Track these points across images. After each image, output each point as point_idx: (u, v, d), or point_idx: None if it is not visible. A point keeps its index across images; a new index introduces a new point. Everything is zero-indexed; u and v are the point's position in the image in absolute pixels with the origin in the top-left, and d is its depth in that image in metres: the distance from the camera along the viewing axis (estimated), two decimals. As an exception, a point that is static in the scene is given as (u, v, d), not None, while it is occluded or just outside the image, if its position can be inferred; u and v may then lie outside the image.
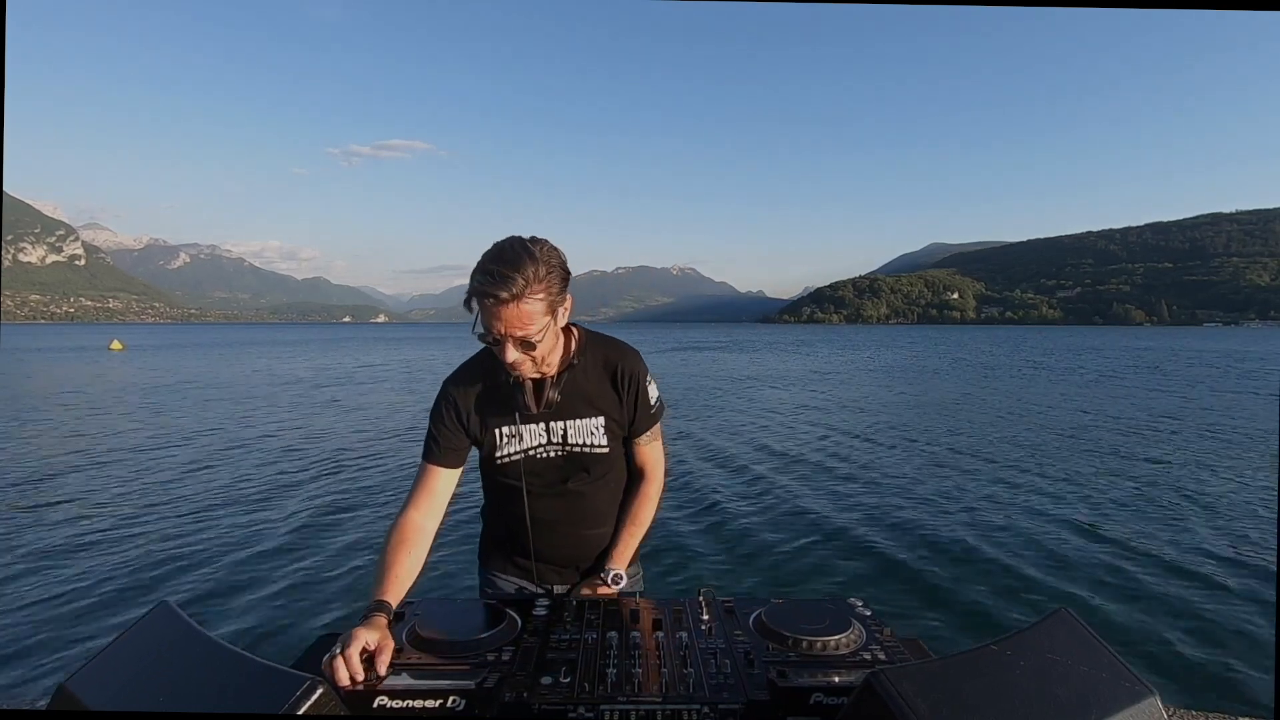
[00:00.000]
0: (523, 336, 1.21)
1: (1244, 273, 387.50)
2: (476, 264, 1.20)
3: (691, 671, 0.94)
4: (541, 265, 1.19)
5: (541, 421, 1.38)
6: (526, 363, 1.27)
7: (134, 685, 0.76)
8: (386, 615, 1.10)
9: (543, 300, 1.20)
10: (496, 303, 1.17)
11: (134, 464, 7.86)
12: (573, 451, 1.40)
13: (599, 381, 1.42)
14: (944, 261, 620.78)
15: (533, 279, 1.17)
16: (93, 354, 35.28)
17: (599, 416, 1.41)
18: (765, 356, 35.58)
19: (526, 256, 1.18)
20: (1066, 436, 10.09)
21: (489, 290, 1.16)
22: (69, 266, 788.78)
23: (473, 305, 1.21)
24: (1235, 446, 9.19)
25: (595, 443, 1.41)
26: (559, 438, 1.40)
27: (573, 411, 1.39)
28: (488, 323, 1.21)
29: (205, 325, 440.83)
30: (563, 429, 1.39)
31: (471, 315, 1.21)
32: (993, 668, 0.74)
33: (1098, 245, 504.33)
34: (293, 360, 31.04)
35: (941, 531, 5.36)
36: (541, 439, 1.40)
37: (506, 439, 1.39)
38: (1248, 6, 0.74)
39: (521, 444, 1.39)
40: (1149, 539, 5.17)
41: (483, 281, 1.17)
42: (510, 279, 1.15)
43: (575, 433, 1.40)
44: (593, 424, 1.41)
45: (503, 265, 1.16)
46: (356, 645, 0.98)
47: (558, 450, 1.40)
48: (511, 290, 1.16)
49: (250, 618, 3.80)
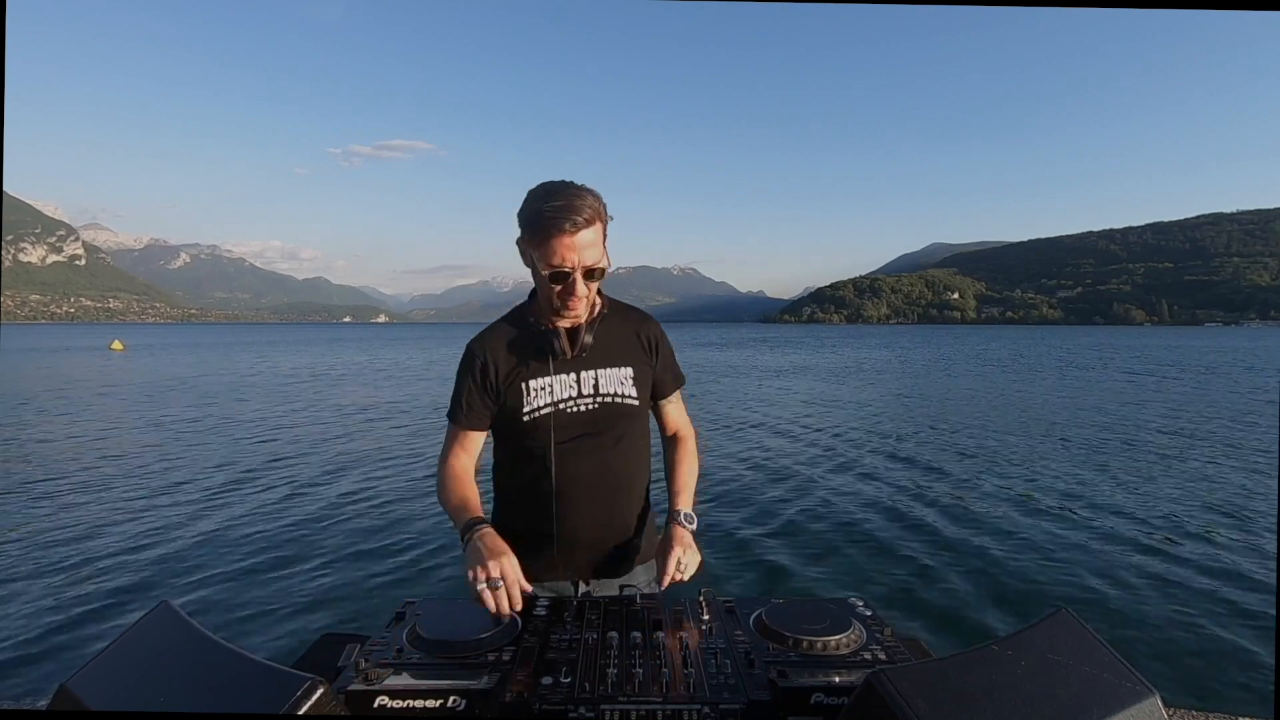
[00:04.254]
0: (592, 265, 1.25)
1: (1244, 272, 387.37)
2: (528, 207, 1.24)
3: (692, 671, 0.94)
4: (598, 197, 1.26)
5: (573, 371, 1.38)
6: (585, 300, 1.30)
7: (134, 685, 0.76)
8: (489, 523, 1.25)
9: (602, 229, 1.28)
10: (573, 229, 1.21)
11: (134, 464, 7.86)
12: (604, 402, 1.38)
13: (628, 336, 1.45)
14: (945, 261, 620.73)
15: (596, 207, 1.24)
16: (94, 354, 35.30)
17: (628, 366, 1.42)
18: (764, 355, 35.58)
19: (581, 187, 1.25)
20: (1067, 436, 10.09)
21: (563, 218, 1.20)
22: (69, 266, 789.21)
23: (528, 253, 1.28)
24: (1236, 446, 9.19)
25: (626, 393, 1.40)
26: (590, 388, 1.38)
27: (604, 359, 1.39)
28: (558, 257, 1.23)
29: (206, 325, 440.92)
30: (594, 378, 1.38)
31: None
32: (993, 668, 0.74)
33: (1098, 245, 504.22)
34: (293, 360, 31.04)
35: (942, 531, 5.36)
36: (572, 390, 1.37)
37: (535, 392, 1.36)
38: (1248, 6, 0.74)
39: (552, 396, 1.36)
40: (1149, 539, 5.17)
41: (554, 211, 1.20)
42: (580, 205, 1.21)
43: (606, 382, 1.39)
44: (622, 373, 1.41)
45: (570, 196, 1.21)
46: (497, 563, 1.12)
47: (589, 402, 1.38)
48: (585, 215, 1.21)
49: (250, 618, 3.80)
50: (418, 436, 9.95)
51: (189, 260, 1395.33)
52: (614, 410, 1.39)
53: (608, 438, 1.39)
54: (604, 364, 1.39)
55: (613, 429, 1.39)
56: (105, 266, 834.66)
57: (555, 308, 1.33)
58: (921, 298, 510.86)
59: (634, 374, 1.42)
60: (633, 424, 1.43)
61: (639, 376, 1.42)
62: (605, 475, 1.39)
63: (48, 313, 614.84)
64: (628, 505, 1.44)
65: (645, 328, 1.47)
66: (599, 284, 1.33)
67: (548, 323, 1.36)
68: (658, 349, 1.47)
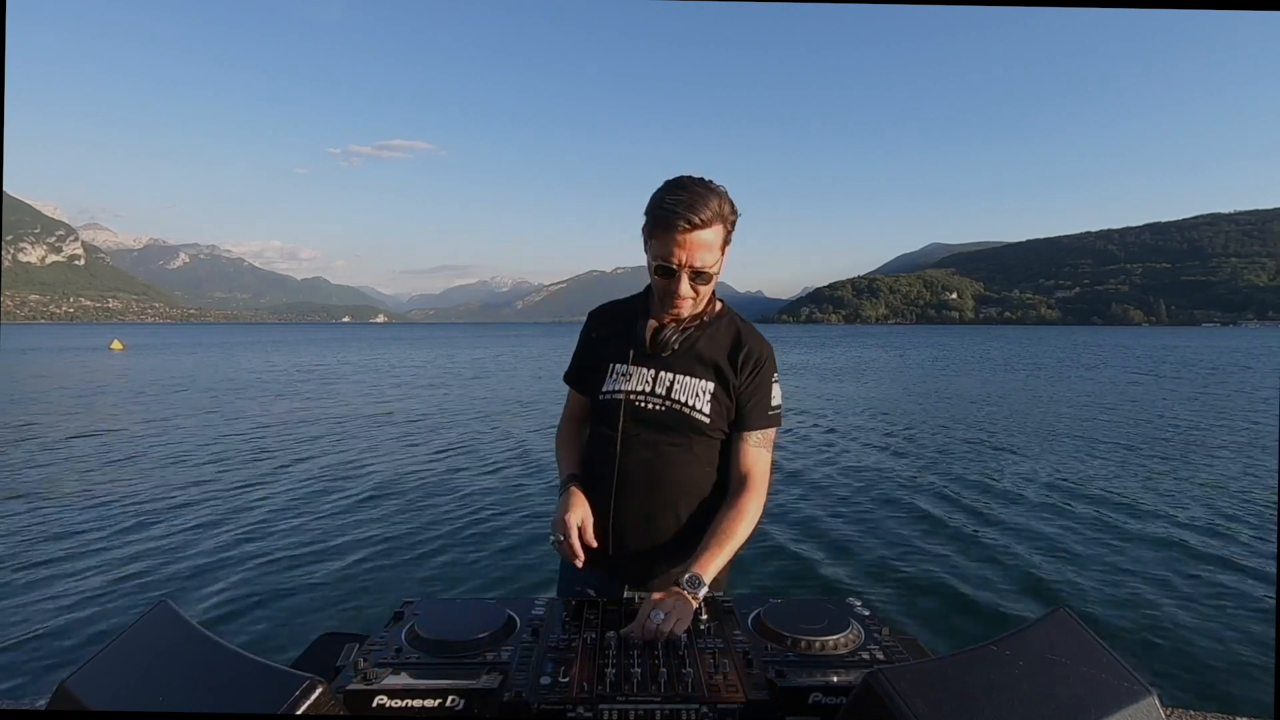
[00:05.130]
0: (701, 268, 1.24)
1: (1242, 273, 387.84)
2: (654, 196, 1.24)
3: (690, 671, 0.94)
4: (726, 200, 1.25)
5: (653, 368, 1.37)
6: (690, 300, 1.29)
7: (133, 685, 0.76)
8: (577, 484, 1.38)
9: (723, 231, 1.26)
10: (688, 228, 1.19)
11: (135, 463, 7.85)
12: (673, 408, 1.34)
13: (720, 351, 1.37)
14: (943, 261, 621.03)
15: (717, 208, 1.22)
16: (93, 354, 35.24)
17: (709, 382, 1.36)
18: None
19: (713, 188, 1.24)
20: (1066, 435, 10.09)
21: (681, 214, 1.19)
22: (69, 266, 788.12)
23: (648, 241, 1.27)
24: (1236, 446, 9.20)
25: (699, 406, 1.34)
26: (664, 389, 1.35)
27: (684, 367, 1.36)
28: (668, 251, 1.23)
29: (205, 325, 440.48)
30: (670, 381, 1.36)
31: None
32: (991, 667, 0.74)
33: (1096, 245, 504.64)
34: (293, 359, 31.01)
35: (940, 531, 5.37)
36: (647, 385, 1.36)
37: (615, 375, 1.38)
38: (1248, 6, 0.74)
39: (628, 383, 1.36)
40: (1149, 538, 5.17)
41: (673, 205, 1.19)
42: (703, 204, 1.19)
43: (681, 389, 1.35)
44: (700, 385, 1.35)
45: (694, 193, 1.20)
46: (575, 514, 1.30)
47: (659, 403, 1.35)
48: (704, 216, 1.19)
49: (250, 617, 3.80)
50: (418, 436, 9.95)
51: (188, 260, 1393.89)
52: (681, 419, 1.34)
53: (673, 445, 1.35)
54: (685, 370, 1.36)
55: (680, 437, 1.35)
56: (105, 266, 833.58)
57: (660, 301, 1.34)
58: (920, 298, 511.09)
59: (713, 390, 1.35)
60: (702, 440, 1.36)
61: (718, 395, 1.35)
62: (663, 480, 1.36)
63: (47, 313, 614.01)
64: (680, 517, 1.37)
65: (754, 344, 1.38)
66: (709, 288, 1.31)
67: (649, 313, 1.36)
68: (754, 373, 1.37)
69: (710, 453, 1.38)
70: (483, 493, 6.45)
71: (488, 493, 6.44)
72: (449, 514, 5.80)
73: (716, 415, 1.35)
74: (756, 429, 1.37)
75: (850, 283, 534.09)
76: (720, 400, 1.35)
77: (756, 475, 1.36)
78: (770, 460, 1.40)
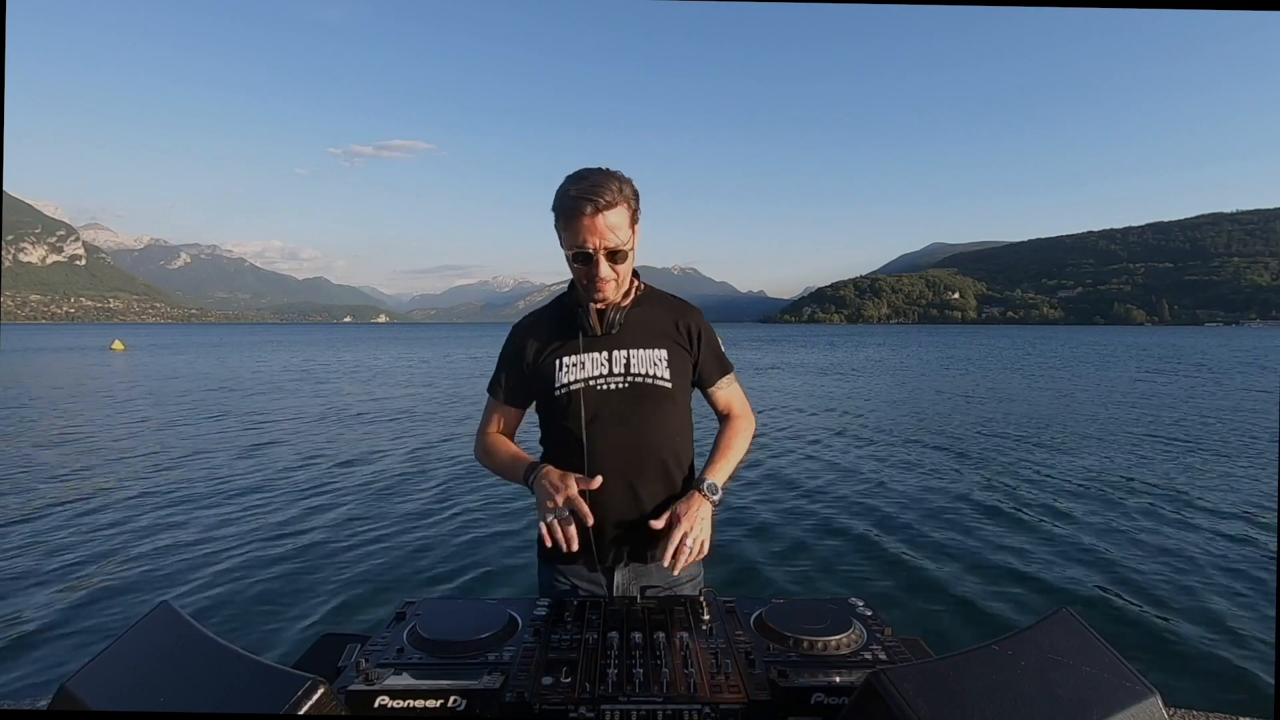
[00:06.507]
0: (614, 247, 1.30)
1: (1245, 272, 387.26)
2: (558, 191, 1.30)
3: (692, 671, 0.94)
4: (627, 182, 1.32)
5: (604, 350, 1.40)
6: (611, 282, 1.34)
7: (134, 685, 0.76)
8: (546, 464, 1.37)
9: (628, 211, 1.32)
10: (594, 211, 1.25)
11: (135, 463, 7.86)
12: (635, 381, 1.39)
13: (663, 321, 1.46)
14: (945, 261, 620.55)
15: (618, 189, 1.29)
16: (94, 354, 35.31)
17: (662, 349, 1.42)
18: (764, 354, 35.57)
19: (612, 173, 1.31)
20: (1067, 435, 10.08)
21: (584, 198, 1.25)
22: (69, 266, 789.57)
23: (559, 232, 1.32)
24: (1237, 446, 9.18)
25: (658, 374, 1.40)
26: (621, 366, 1.39)
27: (636, 340, 1.41)
28: (580, 238, 1.29)
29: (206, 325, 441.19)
30: (625, 357, 1.40)
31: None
32: (994, 668, 0.74)
33: (1099, 245, 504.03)
34: (294, 358, 31.04)
35: (942, 531, 5.36)
36: (603, 368, 1.39)
37: (567, 368, 1.40)
38: (1248, 6, 0.74)
39: (583, 372, 1.39)
40: (1150, 538, 5.16)
41: (576, 193, 1.26)
42: (601, 187, 1.26)
43: (638, 362, 1.40)
44: (656, 355, 1.41)
45: (591, 178, 1.28)
46: (563, 491, 1.27)
47: (620, 381, 1.39)
48: (607, 197, 1.26)
49: (250, 618, 3.80)
50: (418, 436, 9.95)
51: (189, 260, 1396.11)
52: (645, 390, 1.39)
53: (640, 418, 1.39)
54: (637, 344, 1.41)
55: (645, 409, 1.40)
56: (105, 266, 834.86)
57: (584, 289, 1.37)
58: (922, 298, 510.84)
59: (668, 357, 1.42)
60: (666, 406, 1.42)
61: (674, 360, 1.43)
62: (636, 455, 1.39)
63: (48, 313, 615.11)
64: (660, 488, 1.41)
65: (685, 316, 1.49)
66: (627, 267, 1.36)
67: (581, 304, 1.40)
68: (699, 338, 1.48)
69: (678, 414, 1.46)
70: (483, 493, 6.45)
71: (488, 493, 6.44)
72: (450, 514, 5.80)
73: (677, 379, 1.43)
74: (722, 376, 1.53)
75: (852, 282, 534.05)
76: (676, 365, 1.43)
77: (738, 404, 1.56)
78: (741, 389, 1.57)
